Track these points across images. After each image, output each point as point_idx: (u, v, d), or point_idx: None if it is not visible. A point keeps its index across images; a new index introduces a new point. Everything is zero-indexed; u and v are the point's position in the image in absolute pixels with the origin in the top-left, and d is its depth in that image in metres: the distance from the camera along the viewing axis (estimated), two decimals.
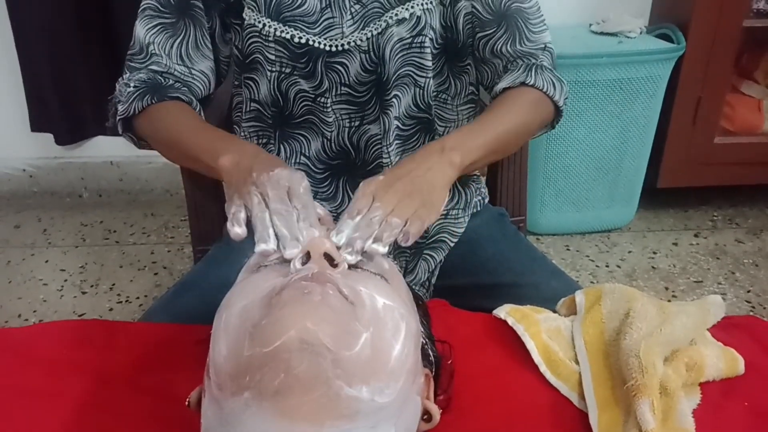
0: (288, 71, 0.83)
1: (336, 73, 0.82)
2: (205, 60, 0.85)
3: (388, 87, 0.83)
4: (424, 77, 0.84)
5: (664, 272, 1.83)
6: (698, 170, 1.96)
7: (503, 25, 0.84)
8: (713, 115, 1.89)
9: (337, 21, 0.80)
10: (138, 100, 0.81)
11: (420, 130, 0.87)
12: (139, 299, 1.75)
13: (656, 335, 0.61)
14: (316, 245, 0.51)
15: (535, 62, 0.85)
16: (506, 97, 0.82)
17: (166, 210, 2.15)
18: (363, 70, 0.82)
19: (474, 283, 0.88)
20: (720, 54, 1.79)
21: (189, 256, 1.91)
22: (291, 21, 0.80)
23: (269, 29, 0.80)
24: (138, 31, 0.84)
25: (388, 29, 0.80)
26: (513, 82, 0.82)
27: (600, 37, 1.85)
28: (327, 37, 0.81)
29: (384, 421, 0.47)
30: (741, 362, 0.64)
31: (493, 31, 0.84)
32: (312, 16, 0.80)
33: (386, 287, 0.51)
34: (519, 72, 0.83)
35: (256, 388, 0.44)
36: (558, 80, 0.85)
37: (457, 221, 0.91)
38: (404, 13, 0.80)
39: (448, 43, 0.85)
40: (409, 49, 0.82)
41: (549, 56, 0.87)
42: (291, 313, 0.45)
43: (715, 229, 2.03)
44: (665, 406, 0.58)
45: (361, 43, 0.81)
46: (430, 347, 0.60)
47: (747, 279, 1.80)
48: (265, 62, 0.83)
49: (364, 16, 0.81)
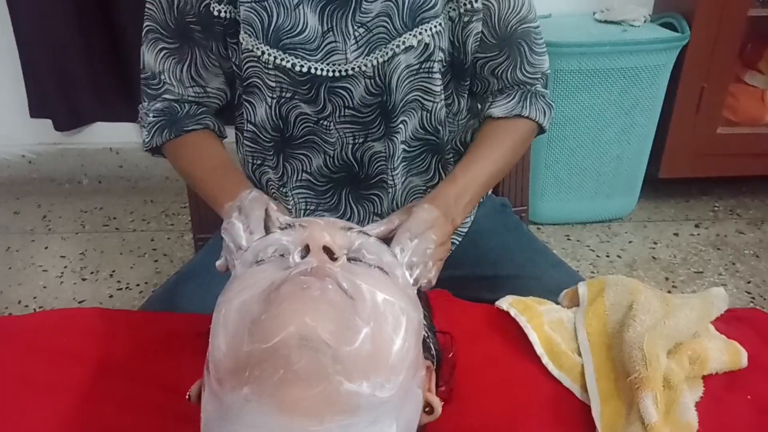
0: (288, 96, 0.80)
1: (339, 97, 0.79)
2: (216, 78, 0.85)
3: (394, 114, 0.80)
4: (431, 102, 0.81)
5: (664, 263, 1.83)
6: (700, 161, 1.96)
7: (506, 51, 0.82)
8: (716, 105, 1.88)
9: (339, 46, 0.76)
10: (158, 134, 0.84)
11: (427, 151, 0.85)
12: (139, 286, 1.75)
13: (660, 328, 0.61)
14: (315, 239, 0.50)
15: (531, 89, 0.85)
16: (500, 133, 0.83)
17: (166, 197, 2.14)
18: (367, 93, 0.79)
19: (476, 275, 0.88)
20: (724, 43, 1.78)
21: (189, 243, 1.91)
22: (291, 49, 0.76)
23: (268, 57, 0.76)
24: (146, 58, 0.84)
25: (395, 58, 0.76)
26: (508, 113, 0.83)
27: (604, 25, 1.83)
28: (329, 63, 0.77)
29: (385, 415, 0.46)
30: (744, 355, 0.64)
31: (495, 55, 0.82)
32: (313, 43, 0.76)
33: (386, 280, 0.51)
34: (514, 101, 0.84)
35: (256, 383, 0.44)
36: (548, 106, 0.86)
37: (464, 222, 0.90)
38: (412, 40, 0.76)
39: (455, 62, 0.82)
40: (417, 74, 0.78)
41: (544, 81, 0.87)
42: (290, 309, 0.45)
43: (716, 220, 2.02)
44: (668, 399, 0.58)
45: (365, 69, 0.77)
46: (432, 339, 0.60)
47: (747, 270, 1.80)
48: (264, 88, 0.80)
49: (369, 42, 0.76)
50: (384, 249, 0.55)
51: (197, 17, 0.79)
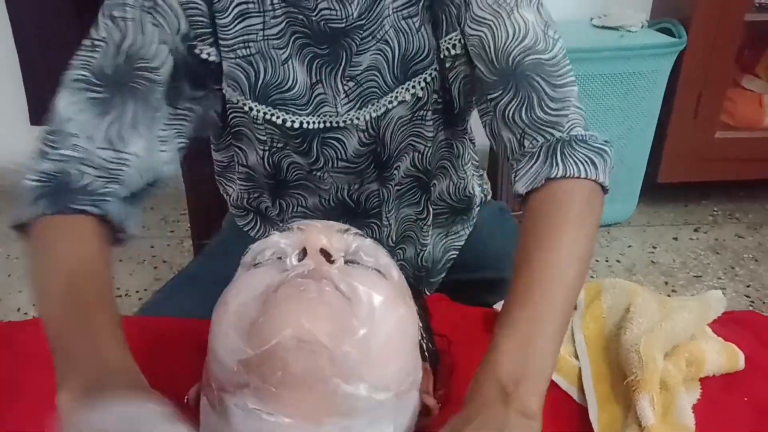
0: (280, 146, 0.75)
1: (332, 149, 0.74)
2: (141, 139, 0.66)
3: (389, 163, 0.76)
4: (423, 145, 0.76)
5: (663, 267, 1.83)
6: (699, 165, 1.96)
7: (511, 87, 0.66)
8: (714, 110, 1.89)
9: (329, 99, 0.71)
10: (32, 205, 0.60)
11: (416, 187, 0.81)
12: (138, 293, 1.75)
13: (657, 330, 0.61)
14: (312, 242, 0.50)
15: (560, 135, 0.65)
16: (540, 223, 0.60)
17: (165, 204, 2.14)
18: (360, 145, 0.74)
19: (475, 279, 0.88)
20: (721, 48, 1.79)
21: (189, 250, 1.91)
22: (281, 104, 0.70)
23: (257, 113, 0.71)
24: (57, 106, 0.64)
25: (388, 113, 0.72)
26: (535, 182, 0.63)
27: (601, 31, 1.84)
28: (320, 114, 0.72)
29: (382, 417, 0.47)
30: (741, 357, 0.64)
31: (499, 94, 0.67)
32: (303, 98, 0.71)
33: (384, 283, 0.51)
34: (539, 161, 0.64)
35: (253, 386, 0.44)
36: (598, 152, 0.63)
37: (459, 236, 0.90)
38: (405, 94, 0.71)
39: (446, 106, 0.75)
40: (410, 123, 0.74)
41: (579, 115, 0.66)
42: (287, 312, 0.45)
43: (715, 224, 2.03)
44: (665, 401, 0.58)
45: (358, 122, 0.72)
46: (429, 342, 0.60)
47: (746, 274, 1.80)
48: (254, 139, 0.75)
49: (361, 95, 0.71)
50: (381, 250, 0.55)
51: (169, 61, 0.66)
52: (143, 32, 0.65)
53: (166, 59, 0.66)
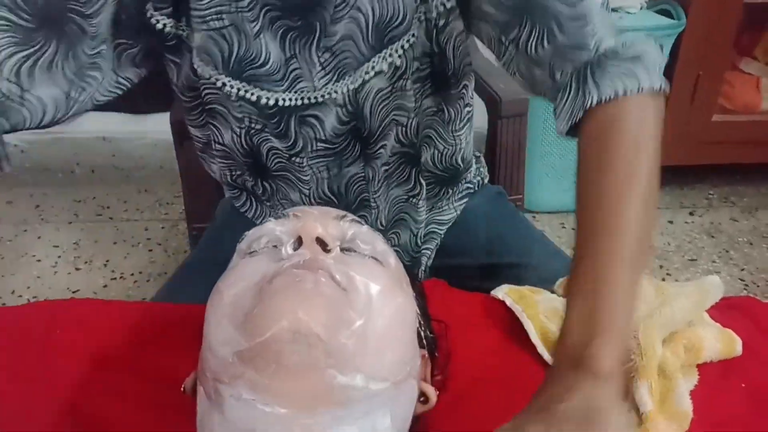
0: (259, 128, 0.72)
1: (310, 127, 0.72)
2: (52, 87, 0.62)
3: (372, 140, 0.74)
4: (405, 117, 0.73)
5: (659, 250, 1.84)
6: (695, 148, 1.96)
7: (526, 21, 0.61)
8: (712, 93, 1.88)
9: (305, 73, 0.68)
10: None
11: (404, 163, 0.78)
12: (133, 275, 1.75)
13: (655, 317, 0.61)
14: (307, 230, 0.49)
15: (589, 59, 0.59)
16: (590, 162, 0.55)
17: (159, 186, 2.13)
18: (339, 123, 0.72)
19: (472, 264, 0.87)
20: (720, 30, 1.77)
21: (183, 233, 1.90)
22: (255, 80, 0.68)
23: (230, 89, 0.68)
24: None
25: (366, 84, 0.69)
26: (573, 116, 0.58)
27: None
28: (296, 91, 0.69)
29: (379, 406, 0.46)
30: (739, 343, 0.64)
31: (517, 32, 0.62)
32: (277, 73, 0.68)
33: (380, 271, 0.50)
34: (571, 93, 0.58)
35: (248, 377, 0.44)
36: (635, 61, 0.57)
37: (443, 211, 0.88)
38: (382, 64, 0.68)
39: (436, 70, 0.71)
40: (390, 96, 0.71)
41: (605, 25, 0.60)
42: (282, 303, 0.44)
43: (710, 208, 2.03)
44: (663, 387, 0.58)
45: (335, 96, 0.69)
46: (427, 328, 0.60)
47: (741, 257, 1.81)
48: (230, 117, 0.72)
49: (337, 67, 0.68)
50: (377, 237, 0.54)
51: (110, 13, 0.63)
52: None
53: (102, 9, 0.63)
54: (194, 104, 0.74)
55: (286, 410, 0.44)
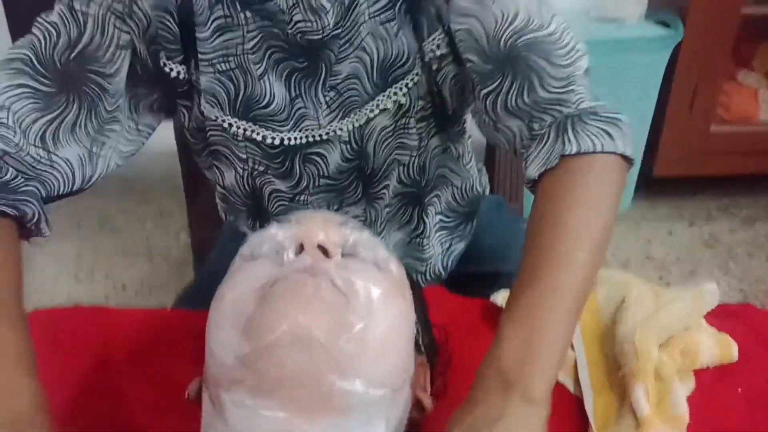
0: (262, 169, 0.73)
1: (314, 165, 0.72)
2: (76, 145, 0.64)
3: (375, 179, 0.74)
4: (408, 155, 0.74)
5: (658, 261, 1.84)
6: (694, 159, 1.96)
7: (508, 73, 0.62)
8: (710, 104, 1.89)
9: (310, 112, 0.69)
10: None
11: (407, 204, 0.79)
12: (134, 287, 1.75)
13: (652, 322, 0.62)
14: (309, 236, 0.50)
15: (569, 111, 0.61)
16: (550, 204, 0.56)
17: (161, 197, 2.14)
18: (343, 160, 0.72)
19: (473, 273, 0.88)
20: (718, 41, 1.79)
21: (185, 244, 1.91)
22: (261, 120, 0.69)
23: (237, 129, 0.69)
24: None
25: (370, 122, 0.70)
26: (548, 162, 0.58)
27: (598, 23, 1.84)
28: (301, 129, 0.70)
29: (377, 412, 0.47)
30: (735, 349, 0.65)
31: (499, 83, 0.63)
32: (282, 113, 0.69)
33: (381, 277, 0.50)
34: (550, 141, 0.59)
35: (249, 382, 0.44)
36: (611, 121, 0.60)
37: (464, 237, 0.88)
38: (386, 102, 0.68)
39: (436, 111, 0.72)
40: (393, 134, 0.72)
41: (586, 88, 0.63)
42: (284, 308, 0.45)
43: (709, 219, 2.03)
44: (660, 391, 0.58)
45: (341, 133, 0.70)
46: (426, 334, 0.60)
47: (740, 268, 1.81)
48: (234, 159, 0.73)
49: (342, 105, 0.69)
50: (378, 244, 0.55)
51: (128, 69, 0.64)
52: (103, 32, 0.63)
53: (122, 67, 0.64)
54: (201, 146, 0.75)
55: (287, 415, 0.44)
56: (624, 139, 0.59)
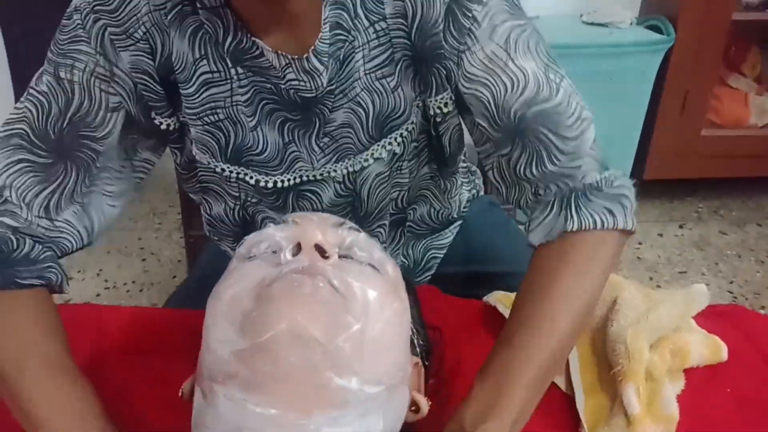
0: (255, 202, 0.73)
1: (308, 201, 0.73)
2: (72, 206, 0.65)
3: (369, 220, 0.75)
4: (399, 191, 0.75)
5: (648, 263, 1.85)
6: (684, 162, 1.98)
7: (518, 143, 0.63)
8: (701, 108, 1.91)
9: (303, 156, 0.69)
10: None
11: (394, 230, 0.81)
12: (126, 285, 1.75)
13: (643, 322, 0.63)
14: (307, 237, 0.50)
15: (574, 187, 0.63)
16: (544, 274, 0.60)
17: (154, 196, 2.13)
18: (336, 196, 0.73)
19: (465, 273, 0.88)
20: (708, 46, 1.80)
21: (177, 243, 1.91)
22: (253, 166, 0.69)
23: (229, 173, 0.69)
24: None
25: (364, 170, 0.70)
26: (549, 235, 0.61)
27: (590, 27, 1.86)
28: (294, 171, 0.70)
29: (373, 409, 0.47)
30: (724, 349, 0.66)
31: (509, 151, 0.64)
32: (275, 159, 0.69)
33: (377, 277, 0.51)
34: (553, 214, 0.62)
35: (245, 378, 0.45)
36: (615, 198, 0.62)
37: (440, 236, 0.89)
38: (381, 151, 0.69)
39: (433, 151, 0.73)
40: (389, 179, 0.73)
41: (594, 159, 0.64)
42: (281, 307, 0.45)
43: (699, 221, 2.05)
44: (650, 391, 0.59)
45: (335, 174, 0.70)
46: (421, 334, 0.61)
47: (730, 270, 1.83)
48: (226, 195, 0.73)
49: (336, 150, 0.69)
50: (375, 245, 0.55)
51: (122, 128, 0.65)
52: (91, 98, 0.63)
53: (114, 128, 0.65)
54: (191, 180, 0.76)
55: (278, 411, 0.44)
56: (625, 214, 0.62)
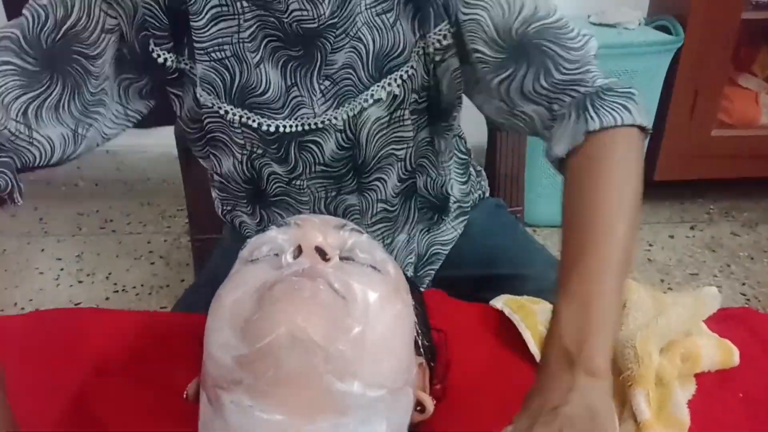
0: (260, 152, 0.73)
1: (309, 153, 0.73)
2: (59, 126, 0.65)
3: (366, 170, 0.75)
4: (405, 148, 0.75)
5: (660, 264, 1.84)
6: (695, 163, 1.97)
7: (522, 60, 0.65)
8: (711, 108, 1.89)
9: (305, 100, 0.69)
10: None
11: (404, 200, 0.80)
12: (135, 288, 1.75)
13: (652, 326, 0.62)
14: (308, 240, 0.50)
15: (587, 89, 0.64)
16: (583, 181, 0.59)
17: (163, 199, 2.14)
18: (338, 148, 0.73)
19: (472, 275, 0.88)
20: (718, 46, 1.79)
21: (186, 246, 1.91)
22: (257, 108, 0.69)
23: (233, 116, 0.70)
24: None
25: (364, 112, 0.70)
26: (574, 140, 0.61)
27: (599, 28, 1.84)
28: (297, 117, 0.70)
29: (377, 413, 0.47)
30: (736, 353, 0.65)
31: (512, 71, 0.66)
32: (278, 101, 0.69)
33: (379, 279, 0.51)
34: (573, 119, 0.62)
35: (247, 383, 0.45)
36: (627, 95, 0.63)
37: (443, 231, 0.89)
38: (380, 92, 0.69)
39: (431, 101, 0.73)
40: (388, 127, 0.72)
41: (598, 69, 0.66)
42: (282, 311, 0.45)
43: (711, 222, 2.03)
44: (660, 396, 0.58)
45: (335, 122, 0.71)
46: (425, 337, 0.60)
47: (742, 272, 1.81)
48: (232, 144, 0.73)
49: (337, 94, 0.69)
50: (376, 246, 0.55)
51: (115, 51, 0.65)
52: (89, 15, 0.64)
53: (106, 50, 0.65)
54: (198, 135, 0.76)
55: (284, 417, 0.44)
56: (640, 111, 0.63)
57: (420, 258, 0.88)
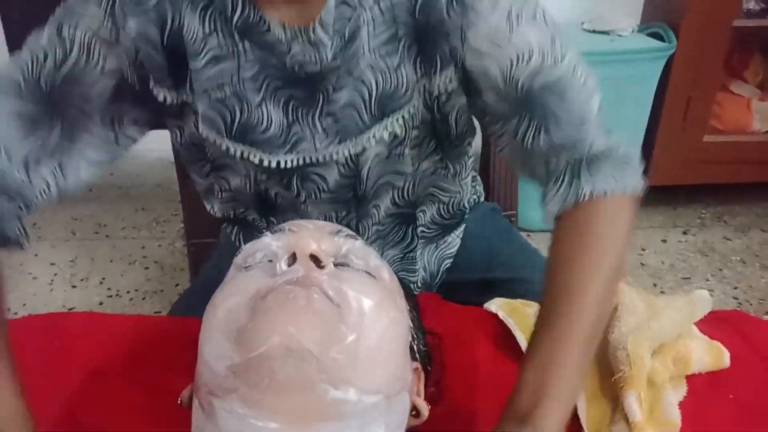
0: (264, 178, 0.74)
1: (314, 183, 0.73)
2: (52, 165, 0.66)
3: (365, 201, 0.76)
4: (403, 179, 0.76)
5: (652, 269, 1.85)
6: (688, 168, 1.98)
7: (525, 114, 0.64)
8: (703, 114, 1.91)
9: (306, 136, 0.69)
10: None
11: (400, 223, 0.80)
12: (129, 293, 1.75)
13: (644, 329, 0.62)
14: (301, 247, 0.50)
15: (582, 156, 0.63)
16: (566, 248, 0.60)
17: (157, 204, 2.14)
18: (341, 177, 0.73)
19: (466, 279, 0.88)
20: (710, 53, 1.81)
21: (180, 251, 1.91)
22: (257, 145, 0.69)
23: (234, 151, 0.70)
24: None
25: (366, 151, 0.71)
26: (564, 206, 0.62)
27: (592, 35, 1.86)
28: (297, 152, 0.70)
29: (374, 419, 0.47)
30: (726, 355, 0.65)
31: (516, 122, 0.65)
32: (279, 138, 0.69)
33: (374, 286, 0.50)
34: (564, 184, 0.63)
35: (241, 392, 0.45)
36: (623, 162, 0.63)
37: (450, 244, 0.89)
38: (383, 132, 0.69)
39: (438, 132, 0.73)
40: (387, 160, 0.73)
41: (599, 127, 0.64)
42: (275, 320, 0.45)
43: (703, 227, 2.05)
44: (652, 398, 0.59)
45: (337, 157, 0.70)
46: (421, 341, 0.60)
47: (734, 276, 1.82)
48: (236, 171, 0.74)
49: (338, 131, 0.69)
50: (371, 252, 0.55)
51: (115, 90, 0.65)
52: (88, 58, 0.64)
53: (105, 90, 0.65)
54: (198, 157, 0.76)
55: (278, 425, 0.44)
56: (634, 177, 0.63)
57: (434, 276, 0.89)
